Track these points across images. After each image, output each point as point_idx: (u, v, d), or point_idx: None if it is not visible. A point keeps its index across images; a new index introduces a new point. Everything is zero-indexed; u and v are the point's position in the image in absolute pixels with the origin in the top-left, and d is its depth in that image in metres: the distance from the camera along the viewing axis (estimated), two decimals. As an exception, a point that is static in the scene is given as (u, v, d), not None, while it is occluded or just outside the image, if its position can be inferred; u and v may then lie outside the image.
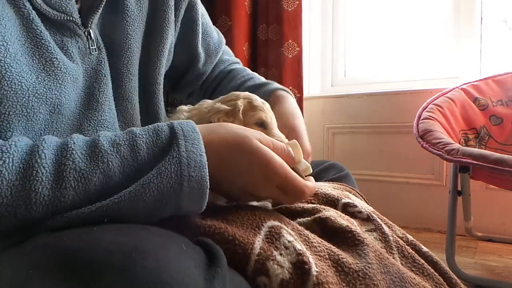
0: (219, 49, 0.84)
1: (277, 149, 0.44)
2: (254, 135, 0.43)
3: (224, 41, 0.88)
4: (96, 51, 0.54)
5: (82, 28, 0.52)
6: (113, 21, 0.58)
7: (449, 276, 0.41)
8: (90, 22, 0.53)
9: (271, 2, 1.86)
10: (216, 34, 0.85)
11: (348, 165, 0.89)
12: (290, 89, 1.84)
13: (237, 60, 0.93)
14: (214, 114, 0.54)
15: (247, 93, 0.59)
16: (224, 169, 0.41)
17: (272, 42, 1.87)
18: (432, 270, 0.41)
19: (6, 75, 0.42)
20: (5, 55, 0.42)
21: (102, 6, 0.54)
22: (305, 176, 0.47)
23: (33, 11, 0.46)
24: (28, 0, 0.45)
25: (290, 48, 1.82)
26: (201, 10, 0.78)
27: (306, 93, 1.95)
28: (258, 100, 0.57)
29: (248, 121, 0.55)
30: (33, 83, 0.45)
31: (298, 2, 1.80)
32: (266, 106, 0.58)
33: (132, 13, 0.60)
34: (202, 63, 0.81)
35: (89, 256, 0.28)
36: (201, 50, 0.78)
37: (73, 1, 0.50)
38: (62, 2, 0.48)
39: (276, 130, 0.57)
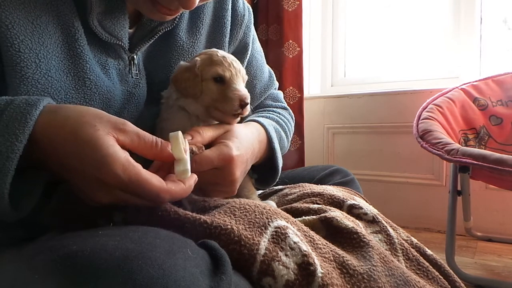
0: (264, 93, 0.79)
1: (145, 143, 0.38)
2: (104, 124, 0.36)
3: (273, 85, 0.82)
4: (137, 76, 0.56)
5: (127, 53, 0.54)
6: (159, 51, 0.59)
7: (453, 279, 0.41)
8: (137, 50, 0.55)
9: (271, 2, 1.85)
10: (266, 77, 0.80)
11: (348, 165, 0.89)
12: (290, 89, 1.85)
13: (284, 106, 0.84)
14: (177, 71, 0.54)
15: (214, 49, 0.55)
16: (57, 162, 0.36)
17: (272, 42, 1.87)
18: (437, 273, 0.41)
19: (31, 90, 0.44)
20: (34, 71, 0.44)
21: (155, 39, 0.56)
22: (180, 178, 0.40)
23: (80, 30, 0.48)
24: (82, 20, 0.48)
25: (290, 48, 1.82)
26: (251, 52, 0.74)
27: (306, 93, 1.95)
28: (219, 54, 0.52)
29: (205, 76, 0.52)
30: (62, 98, 0.47)
31: (298, 2, 1.80)
32: (229, 59, 0.53)
33: (181, 47, 0.60)
34: None
35: (93, 262, 0.28)
36: None
37: (127, 28, 0.53)
38: (116, 27, 0.51)
39: (238, 86, 0.51)
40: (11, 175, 0.33)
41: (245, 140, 0.53)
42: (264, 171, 0.65)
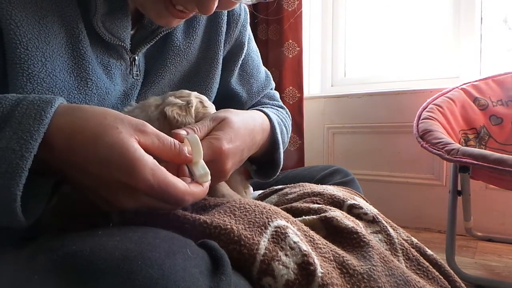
0: (261, 92, 0.79)
1: (164, 146, 0.37)
2: (126, 126, 0.35)
3: (270, 85, 0.82)
4: (137, 76, 0.57)
5: (129, 54, 0.55)
6: (156, 52, 0.60)
7: (453, 279, 0.41)
8: (138, 51, 0.56)
9: (271, 2, 1.85)
10: (263, 76, 0.80)
11: (348, 165, 0.89)
12: (290, 89, 1.85)
13: (281, 105, 0.82)
14: (168, 106, 0.51)
15: (196, 93, 0.56)
16: (75, 167, 0.34)
17: (272, 42, 1.87)
18: (437, 273, 0.41)
19: (37, 88, 0.44)
20: (40, 70, 0.44)
21: (156, 40, 0.57)
22: (202, 181, 0.39)
23: (83, 32, 0.48)
24: (85, 22, 0.48)
25: (290, 48, 1.83)
26: (247, 51, 0.73)
27: (306, 93, 1.95)
28: (208, 101, 0.55)
29: (198, 118, 0.51)
30: (64, 98, 0.46)
31: (298, 2, 1.80)
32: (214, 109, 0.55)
33: (177, 48, 0.61)
34: (243, 103, 0.75)
35: (93, 262, 0.28)
36: (239, 90, 0.74)
37: (129, 29, 0.53)
38: (119, 29, 0.51)
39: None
40: (25, 176, 0.32)
41: (242, 128, 0.52)
42: (264, 163, 0.64)
